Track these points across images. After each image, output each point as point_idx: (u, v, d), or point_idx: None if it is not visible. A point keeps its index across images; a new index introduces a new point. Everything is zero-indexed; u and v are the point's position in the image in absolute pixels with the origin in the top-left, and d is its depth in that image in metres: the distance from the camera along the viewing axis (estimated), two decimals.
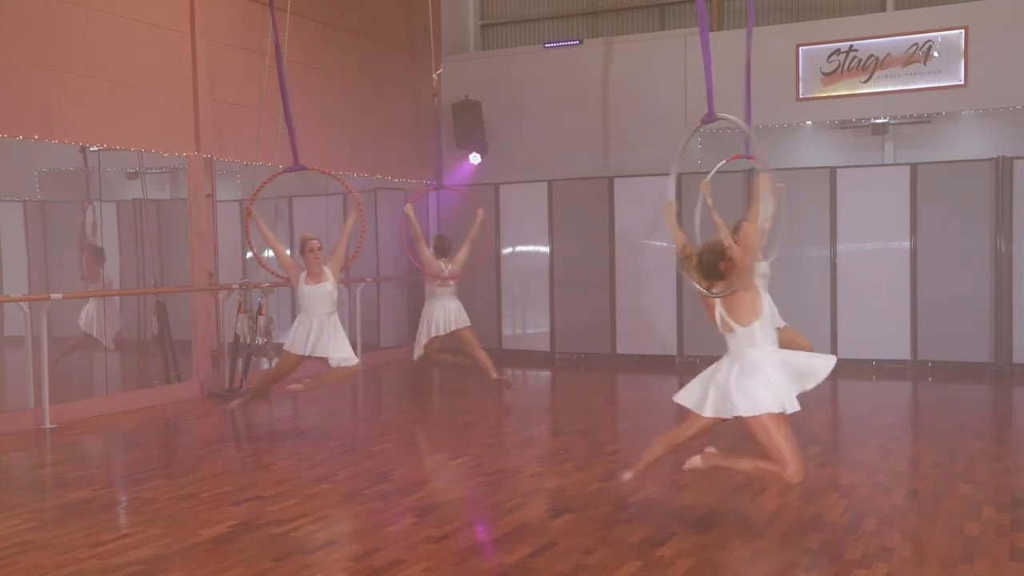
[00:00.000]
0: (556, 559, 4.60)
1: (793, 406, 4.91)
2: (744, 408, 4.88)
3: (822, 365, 5.07)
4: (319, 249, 7.91)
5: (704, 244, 5.31)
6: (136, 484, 6.31)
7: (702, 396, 5.12)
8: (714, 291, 5.09)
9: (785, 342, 7.64)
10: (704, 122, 5.80)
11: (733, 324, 5.04)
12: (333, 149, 12.09)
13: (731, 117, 5.57)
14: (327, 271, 7.88)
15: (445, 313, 9.75)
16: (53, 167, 10.07)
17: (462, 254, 9.81)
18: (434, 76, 10.40)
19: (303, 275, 7.85)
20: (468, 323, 9.87)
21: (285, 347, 7.96)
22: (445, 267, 9.79)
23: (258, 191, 8.40)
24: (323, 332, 7.76)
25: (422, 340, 9.85)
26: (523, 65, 13.94)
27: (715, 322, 5.15)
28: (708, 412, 5.05)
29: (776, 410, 4.87)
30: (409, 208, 9.81)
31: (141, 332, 10.45)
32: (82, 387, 9.75)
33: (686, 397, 5.23)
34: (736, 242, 7.22)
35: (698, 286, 5.16)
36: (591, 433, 7.83)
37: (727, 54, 12.57)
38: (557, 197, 13.05)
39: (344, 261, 8.14)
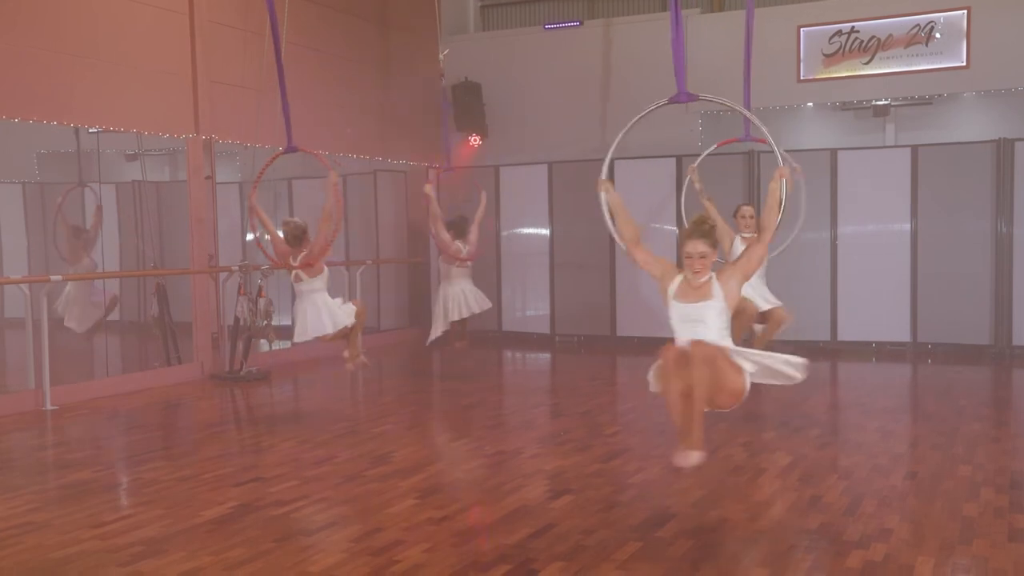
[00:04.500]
0: (556, 540, 4.61)
1: None
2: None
3: None
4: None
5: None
6: (137, 465, 6.32)
7: None
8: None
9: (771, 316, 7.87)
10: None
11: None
12: (333, 131, 12.06)
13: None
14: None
15: (464, 297, 9.65)
16: (51, 149, 10.04)
17: (474, 235, 9.73)
18: (440, 57, 10.33)
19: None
20: (489, 304, 9.87)
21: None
22: (463, 248, 9.69)
23: (259, 178, 8.33)
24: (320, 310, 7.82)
25: (440, 324, 9.68)
26: (523, 46, 13.89)
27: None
28: None
29: None
30: (429, 188, 9.77)
31: (141, 314, 10.45)
32: (83, 369, 9.77)
33: None
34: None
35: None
36: (591, 415, 7.84)
37: (727, 35, 12.55)
38: (557, 179, 13.02)
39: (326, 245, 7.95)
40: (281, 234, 7.96)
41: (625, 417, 8.05)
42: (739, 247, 7.84)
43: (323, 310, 7.77)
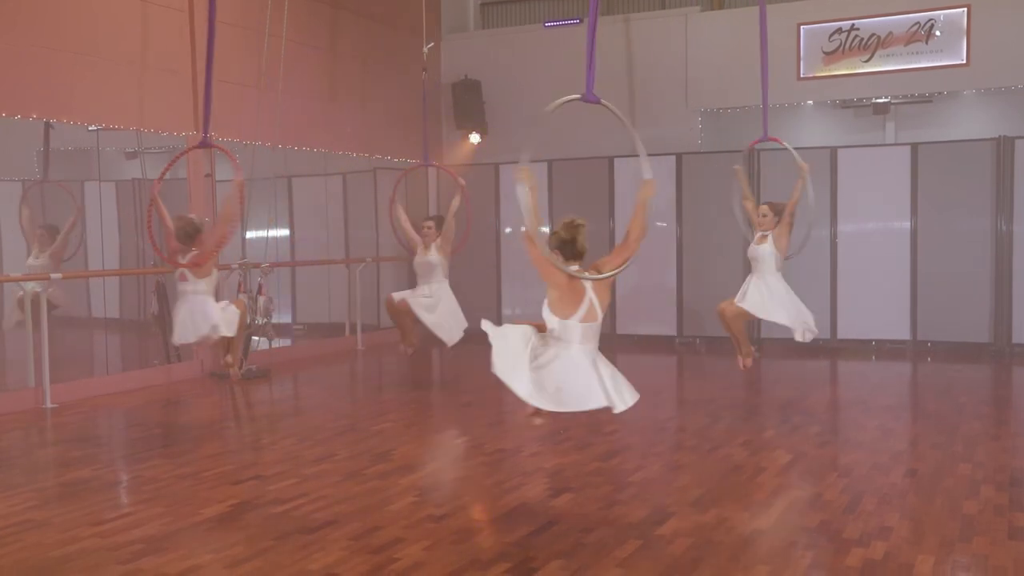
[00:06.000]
0: (556, 538, 4.62)
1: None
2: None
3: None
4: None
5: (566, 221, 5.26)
6: (137, 463, 6.32)
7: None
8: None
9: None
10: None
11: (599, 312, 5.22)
12: (332, 129, 12.06)
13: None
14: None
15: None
16: (52, 147, 10.03)
17: (446, 231, 9.35)
18: (424, 50, 10.33)
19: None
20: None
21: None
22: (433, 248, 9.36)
23: (165, 171, 8.10)
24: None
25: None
26: (523, 44, 13.88)
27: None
28: None
29: None
30: (393, 196, 9.65)
31: (141, 312, 10.45)
32: (83, 367, 9.76)
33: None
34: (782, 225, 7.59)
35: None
36: (590, 413, 7.80)
37: (727, 33, 12.55)
38: (557, 177, 13.02)
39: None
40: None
41: (624, 416, 8.01)
42: (760, 245, 7.98)
43: (200, 314, 7.54)
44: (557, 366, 5.06)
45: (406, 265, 13.52)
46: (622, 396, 5.14)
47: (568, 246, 5.25)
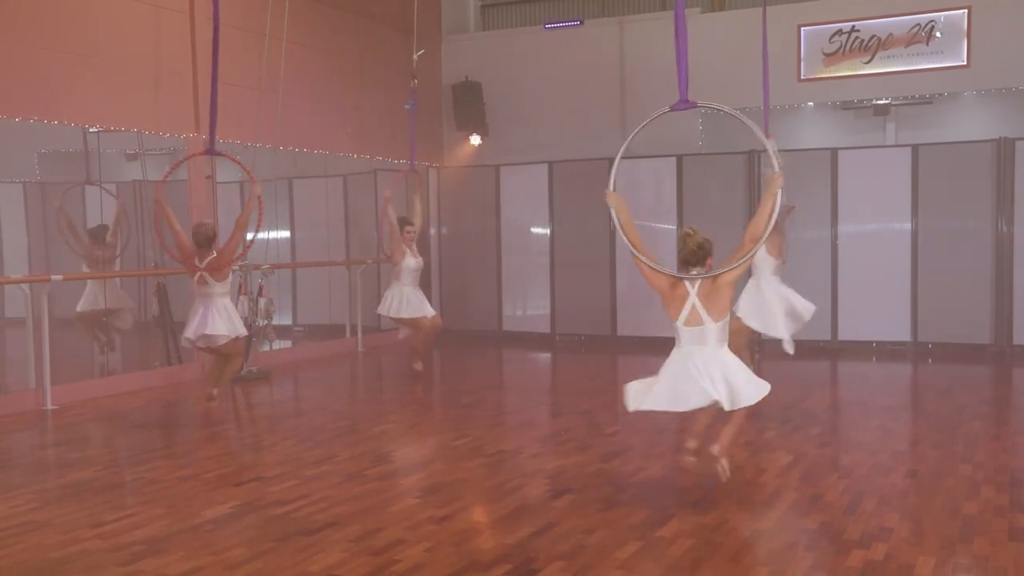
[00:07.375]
0: (557, 539, 4.62)
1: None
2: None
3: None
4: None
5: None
6: (138, 465, 6.33)
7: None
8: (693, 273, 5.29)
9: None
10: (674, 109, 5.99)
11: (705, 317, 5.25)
12: (333, 130, 12.07)
13: (713, 104, 5.79)
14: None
15: (408, 299, 9.70)
16: (53, 148, 10.04)
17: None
18: (415, 56, 10.40)
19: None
20: (427, 314, 9.76)
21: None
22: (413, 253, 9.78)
23: (168, 174, 8.30)
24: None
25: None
26: (523, 46, 13.88)
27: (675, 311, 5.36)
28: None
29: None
30: (389, 193, 9.83)
31: (142, 314, 10.45)
32: (83, 368, 9.77)
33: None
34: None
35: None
36: (591, 414, 7.84)
37: (727, 34, 12.56)
38: (558, 178, 13.02)
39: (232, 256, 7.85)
40: (190, 234, 7.85)
41: (625, 416, 7.99)
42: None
43: (223, 313, 7.72)
44: (663, 367, 5.45)
45: None
46: (736, 393, 5.30)
47: (681, 252, 5.50)
